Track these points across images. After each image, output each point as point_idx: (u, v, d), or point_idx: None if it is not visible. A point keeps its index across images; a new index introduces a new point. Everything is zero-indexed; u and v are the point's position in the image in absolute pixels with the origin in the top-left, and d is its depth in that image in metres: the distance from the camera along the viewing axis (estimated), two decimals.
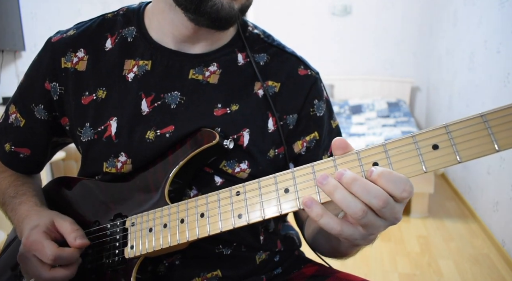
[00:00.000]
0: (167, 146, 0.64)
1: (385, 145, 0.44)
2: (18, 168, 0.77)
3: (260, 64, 0.69)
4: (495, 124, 0.40)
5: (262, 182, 0.51)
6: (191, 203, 0.56)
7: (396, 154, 0.44)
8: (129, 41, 0.69)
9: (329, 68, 4.22)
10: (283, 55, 0.71)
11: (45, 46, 0.72)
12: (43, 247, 0.58)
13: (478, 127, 0.41)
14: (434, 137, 0.42)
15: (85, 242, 0.60)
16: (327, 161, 0.47)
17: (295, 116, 0.69)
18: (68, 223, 0.62)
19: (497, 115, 0.40)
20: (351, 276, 0.72)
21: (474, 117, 0.41)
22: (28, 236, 0.60)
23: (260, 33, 0.73)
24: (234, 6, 0.59)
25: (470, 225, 2.56)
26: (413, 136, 0.43)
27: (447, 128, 0.42)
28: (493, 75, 2.35)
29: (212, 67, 0.67)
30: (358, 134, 3.12)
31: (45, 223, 0.62)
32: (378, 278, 1.98)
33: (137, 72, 0.67)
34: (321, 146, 0.71)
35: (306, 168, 0.48)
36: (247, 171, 0.66)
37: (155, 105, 0.66)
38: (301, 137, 0.70)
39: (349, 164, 0.45)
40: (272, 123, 0.68)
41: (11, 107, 0.74)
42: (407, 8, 4.08)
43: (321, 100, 0.71)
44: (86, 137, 0.68)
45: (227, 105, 0.66)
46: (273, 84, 0.69)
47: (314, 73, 0.72)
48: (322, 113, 0.71)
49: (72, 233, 0.60)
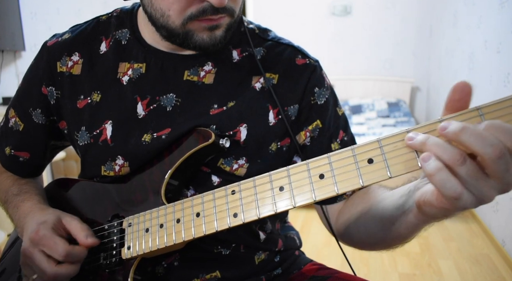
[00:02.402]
0: (163, 148, 0.64)
1: (380, 141, 0.44)
2: (18, 172, 0.77)
3: (257, 58, 0.68)
4: (489, 118, 0.39)
5: (257, 180, 0.51)
6: (187, 203, 0.56)
7: (392, 150, 0.43)
8: (123, 44, 0.69)
9: (329, 68, 4.21)
10: (279, 47, 0.70)
11: (41, 50, 0.72)
12: (55, 243, 0.58)
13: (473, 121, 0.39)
14: (430, 131, 0.41)
15: (95, 241, 0.61)
16: (321, 158, 0.47)
17: (296, 107, 0.68)
18: (77, 221, 0.62)
19: (493, 108, 0.39)
20: (351, 276, 0.72)
21: (469, 111, 0.40)
22: (37, 230, 0.59)
23: (255, 28, 0.72)
24: (217, 35, 0.59)
25: (470, 225, 2.55)
26: (408, 131, 0.42)
27: (441, 122, 0.40)
28: (493, 75, 2.35)
29: (207, 66, 0.67)
30: (358, 134, 3.12)
31: (52, 220, 0.62)
32: (378, 278, 1.97)
33: (131, 75, 0.67)
34: (326, 134, 0.69)
35: (301, 165, 0.48)
36: (245, 166, 0.65)
37: (150, 108, 0.65)
38: (303, 127, 0.69)
39: (345, 161, 0.45)
40: (273, 115, 0.67)
41: (11, 111, 0.75)
42: (407, 8, 4.07)
43: (322, 87, 0.69)
44: (83, 141, 0.68)
45: (224, 104, 0.65)
46: (271, 76, 0.68)
47: (313, 61, 0.70)
48: (323, 100, 0.69)
49: (83, 232, 0.60)
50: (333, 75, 4.23)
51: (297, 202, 0.47)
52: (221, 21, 0.58)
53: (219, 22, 0.57)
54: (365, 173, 0.44)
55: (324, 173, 0.46)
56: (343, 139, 0.71)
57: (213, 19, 0.56)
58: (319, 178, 0.46)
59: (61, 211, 0.65)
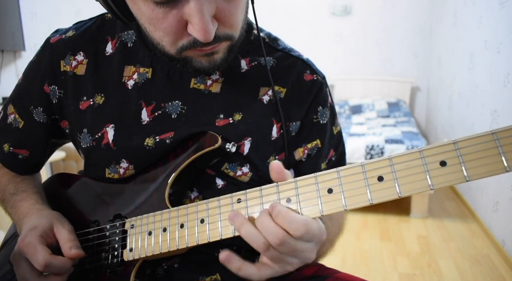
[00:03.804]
0: (168, 151, 0.64)
1: (391, 159, 0.43)
2: (17, 169, 0.76)
3: (268, 68, 0.67)
4: (506, 142, 0.38)
5: (264, 190, 0.50)
6: (191, 208, 0.55)
7: (403, 169, 0.42)
8: (129, 46, 0.67)
9: (329, 68, 4.22)
10: (289, 59, 0.69)
11: (43, 46, 0.70)
12: (35, 251, 0.56)
13: (489, 145, 0.39)
14: (442, 153, 0.41)
15: (80, 253, 0.59)
16: (331, 172, 0.46)
17: (297, 124, 0.68)
18: (66, 231, 0.60)
19: (509, 134, 0.38)
20: (350, 276, 0.72)
21: (485, 135, 0.39)
22: (24, 237, 0.58)
23: (265, 37, 0.71)
24: (216, 59, 0.57)
25: (470, 225, 2.56)
26: (421, 151, 0.42)
27: (456, 144, 0.40)
28: (493, 75, 2.35)
29: (214, 75, 0.65)
30: (358, 134, 3.12)
31: (44, 226, 0.60)
32: (378, 278, 1.97)
33: (137, 79, 0.66)
34: (322, 154, 0.70)
35: (309, 178, 0.47)
36: (248, 175, 0.65)
37: (155, 114, 0.65)
38: (302, 144, 0.69)
39: (354, 177, 0.45)
40: (276, 130, 0.66)
41: (10, 106, 0.73)
42: (407, 8, 4.07)
43: (325, 107, 0.69)
44: (85, 143, 0.67)
45: (230, 115, 0.65)
46: (279, 90, 0.67)
47: (321, 77, 0.70)
48: (325, 120, 0.69)
49: (68, 242, 0.59)
50: (333, 75, 4.23)
51: (304, 215, 0.47)
52: (217, 48, 0.55)
53: (215, 49, 0.55)
54: (375, 190, 0.44)
55: (333, 187, 0.46)
56: (331, 159, 0.72)
57: (206, 49, 0.54)
58: (327, 192, 0.46)
59: (57, 216, 0.64)
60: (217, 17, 0.51)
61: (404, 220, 2.67)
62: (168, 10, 0.50)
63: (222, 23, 0.52)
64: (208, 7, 0.49)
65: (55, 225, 0.61)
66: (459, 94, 3.06)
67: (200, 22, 0.48)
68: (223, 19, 0.52)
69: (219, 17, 0.51)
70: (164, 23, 0.51)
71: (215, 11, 0.50)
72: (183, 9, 0.49)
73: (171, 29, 0.52)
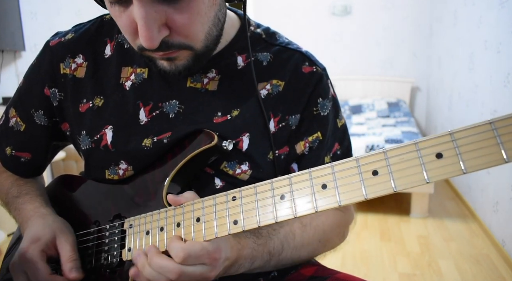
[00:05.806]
0: (166, 151, 0.64)
1: (386, 152, 0.42)
2: (20, 172, 0.76)
3: (263, 64, 0.67)
4: (505, 132, 0.36)
5: (258, 187, 0.49)
6: (188, 207, 0.55)
7: (398, 162, 0.41)
8: (126, 47, 0.67)
9: (329, 68, 4.17)
10: (286, 52, 0.69)
11: (43, 49, 0.70)
12: (36, 269, 0.57)
13: (486, 135, 0.37)
14: (438, 145, 0.39)
15: (79, 276, 0.59)
16: (325, 168, 0.46)
17: (297, 117, 0.67)
18: (69, 246, 0.60)
19: (507, 123, 0.36)
20: (350, 276, 0.71)
21: (482, 124, 0.37)
22: (26, 250, 0.58)
23: (261, 32, 0.70)
24: (178, 65, 0.56)
25: (470, 225, 2.55)
26: (416, 144, 0.40)
27: (452, 135, 0.39)
28: (493, 75, 2.34)
29: (211, 73, 0.65)
30: (358, 134, 3.12)
31: (46, 238, 0.61)
32: (378, 278, 1.97)
33: (134, 80, 0.66)
34: (324, 147, 0.69)
35: (304, 174, 0.47)
36: (248, 173, 0.65)
37: (153, 114, 0.65)
38: (303, 137, 0.68)
39: (348, 172, 0.44)
40: (273, 124, 0.66)
41: (11, 110, 0.73)
42: (407, 8, 4.07)
43: (326, 99, 0.68)
44: (85, 145, 0.67)
45: (228, 112, 0.64)
46: (277, 83, 0.67)
47: (320, 69, 0.69)
48: (326, 112, 0.68)
49: (70, 262, 0.59)
50: (333, 75, 4.20)
51: (298, 212, 0.46)
52: (173, 55, 0.55)
53: (170, 56, 0.55)
54: (369, 185, 0.42)
55: (327, 183, 0.45)
56: (336, 153, 0.71)
57: (158, 54, 0.54)
58: (322, 188, 0.45)
59: (60, 226, 0.64)
60: (169, 26, 0.51)
61: (404, 220, 2.67)
62: (122, 10, 0.51)
63: (176, 33, 0.52)
64: (154, 15, 0.49)
65: (58, 238, 0.61)
66: (459, 94, 3.06)
67: (141, 28, 0.49)
68: (176, 29, 0.52)
69: (171, 27, 0.51)
70: (119, 21, 0.53)
71: (166, 20, 0.50)
72: (133, 12, 0.50)
73: (127, 29, 0.52)
